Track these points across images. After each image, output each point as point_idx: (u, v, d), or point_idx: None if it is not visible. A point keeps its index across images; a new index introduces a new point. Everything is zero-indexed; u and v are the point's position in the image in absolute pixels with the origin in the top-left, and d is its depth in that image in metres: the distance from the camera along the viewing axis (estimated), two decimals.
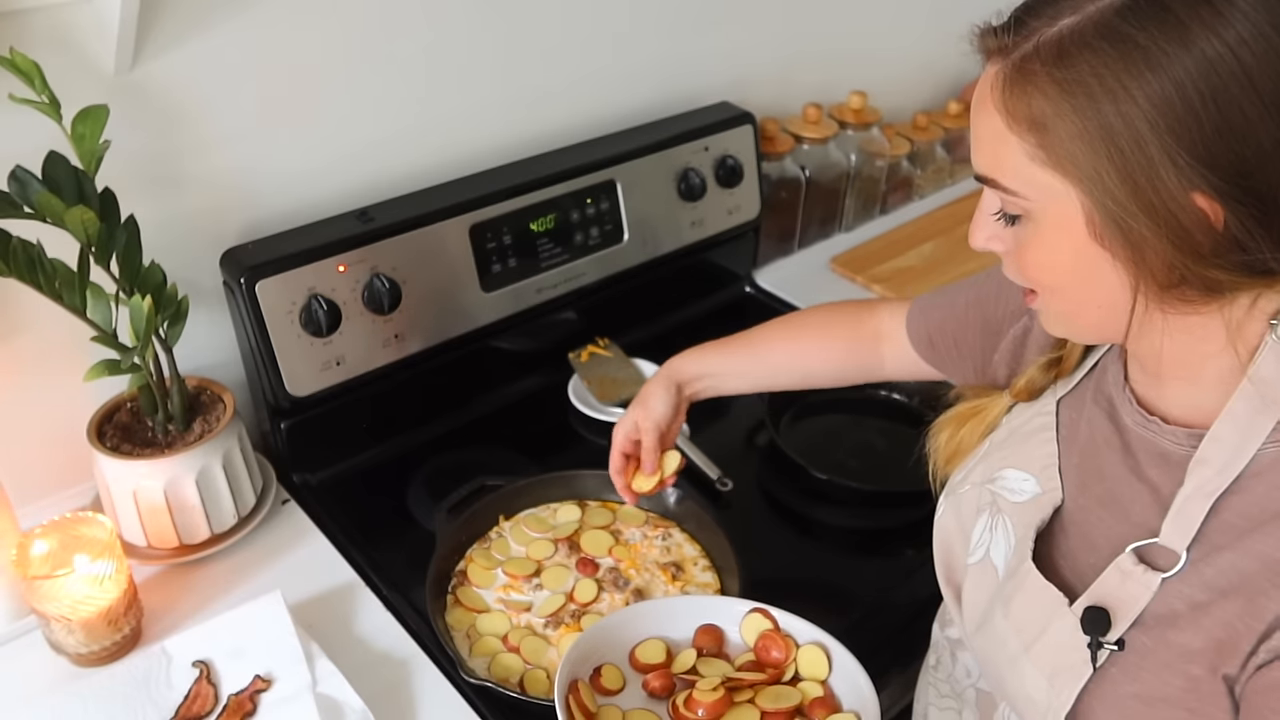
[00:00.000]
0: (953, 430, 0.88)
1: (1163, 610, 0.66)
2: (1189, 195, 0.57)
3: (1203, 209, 0.58)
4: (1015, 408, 0.83)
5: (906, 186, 1.81)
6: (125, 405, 1.07)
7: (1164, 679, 0.65)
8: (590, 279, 1.35)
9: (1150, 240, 0.59)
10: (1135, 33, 0.57)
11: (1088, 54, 0.58)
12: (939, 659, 0.91)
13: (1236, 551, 0.63)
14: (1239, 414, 0.64)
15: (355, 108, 1.18)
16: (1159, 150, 0.57)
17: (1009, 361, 0.87)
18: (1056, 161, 0.60)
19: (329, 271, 1.12)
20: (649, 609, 0.92)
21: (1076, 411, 0.78)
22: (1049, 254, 0.65)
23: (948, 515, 0.84)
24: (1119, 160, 0.58)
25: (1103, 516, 0.72)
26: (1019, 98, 0.61)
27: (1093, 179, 0.59)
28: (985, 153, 0.65)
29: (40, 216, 0.89)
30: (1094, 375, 0.78)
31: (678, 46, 1.45)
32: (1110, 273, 0.63)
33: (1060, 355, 0.80)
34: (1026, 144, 0.61)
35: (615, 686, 0.86)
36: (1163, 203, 0.58)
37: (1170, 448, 0.69)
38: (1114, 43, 0.57)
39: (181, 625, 0.99)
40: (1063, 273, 0.65)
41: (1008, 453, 0.81)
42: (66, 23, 0.95)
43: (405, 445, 1.25)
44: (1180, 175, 0.57)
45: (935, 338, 0.95)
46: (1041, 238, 0.64)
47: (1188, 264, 0.60)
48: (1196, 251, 0.59)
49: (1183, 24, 0.56)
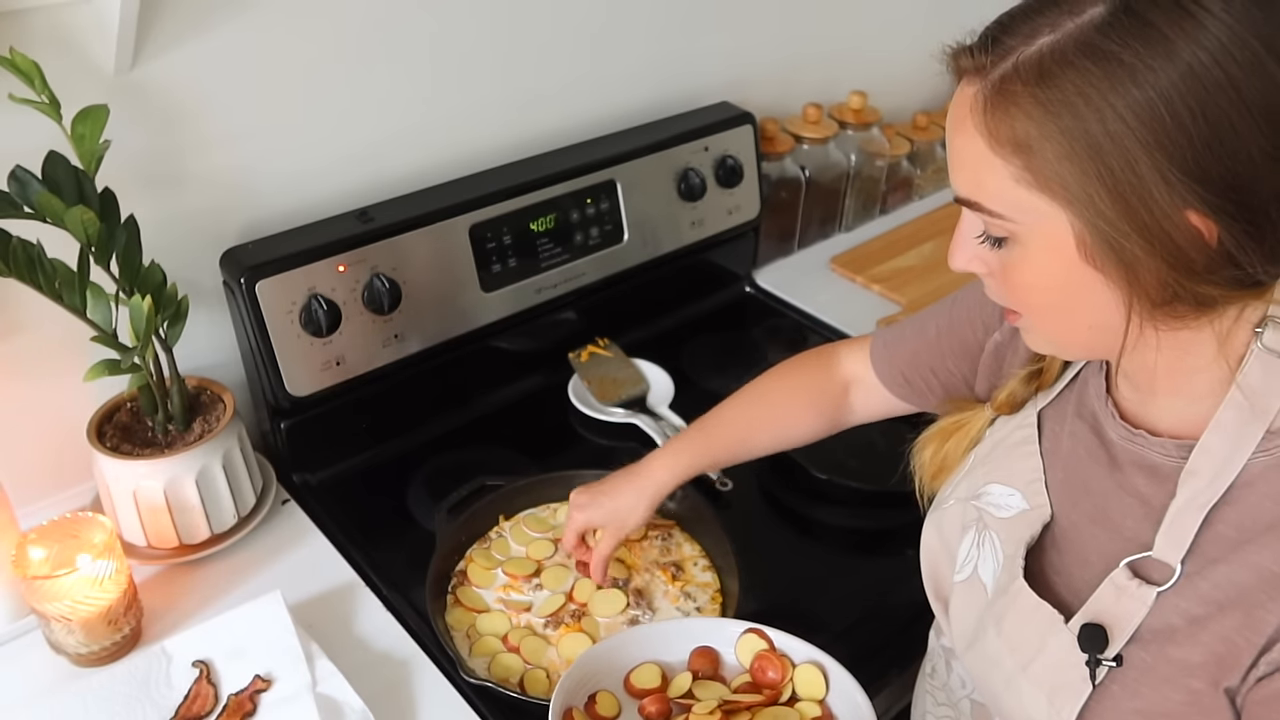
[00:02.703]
0: (937, 445, 0.87)
1: (1160, 625, 0.65)
2: (1182, 213, 0.57)
3: (1196, 226, 0.57)
4: (997, 420, 0.83)
5: (906, 186, 1.81)
6: (125, 405, 1.07)
7: (1165, 694, 0.65)
8: (590, 279, 1.35)
9: (1143, 259, 0.58)
10: (1118, 49, 0.55)
11: (1071, 73, 0.56)
12: (934, 667, 0.90)
13: (1231, 564, 0.63)
14: (1227, 424, 0.64)
15: (355, 107, 1.18)
16: (1150, 168, 0.56)
17: (989, 375, 0.86)
18: (1044, 183, 0.59)
19: (329, 271, 1.12)
20: (642, 634, 0.90)
21: (1059, 424, 0.77)
22: (1037, 276, 0.64)
23: (931, 532, 0.84)
24: (1109, 180, 0.57)
25: (1094, 532, 0.72)
26: (1001, 119, 0.59)
27: (1083, 200, 0.58)
28: (966, 176, 0.64)
29: (40, 216, 0.89)
30: (1075, 387, 0.77)
31: (678, 46, 1.45)
32: (1102, 292, 0.61)
33: (1040, 367, 0.79)
34: (1011, 166, 0.60)
35: (611, 714, 0.85)
36: (1155, 221, 0.57)
37: (1158, 460, 0.68)
38: (1097, 60, 0.56)
39: (181, 625, 0.99)
40: (1052, 294, 0.64)
41: (991, 467, 0.80)
42: (66, 23, 0.95)
43: (405, 445, 1.25)
44: (1172, 192, 0.56)
45: (909, 373, 0.93)
46: (1029, 260, 0.63)
47: (1181, 281, 0.59)
48: (1190, 268, 0.58)
49: (1166, 38, 0.55)
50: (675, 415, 1.30)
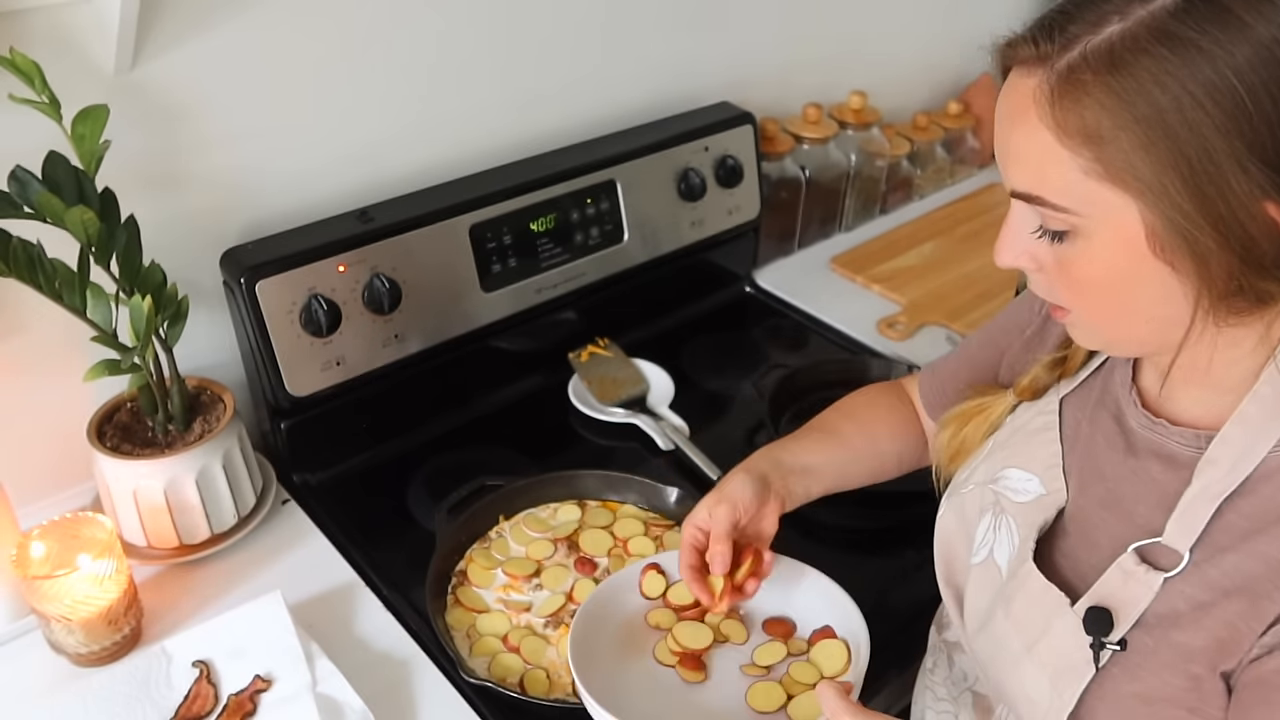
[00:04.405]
0: (956, 428, 0.87)
1: (1165, 610, 0.66)
2: (1260, 203, 0.56)
3: (1273, 218, 0.56)
4: (1019, 407, 0.83)
5: (906, 186, 1.81)
6: (125, 405, 1.07)
7: (1165, 678, 0.65)
8: (590, 279, 1.35)
9: (1215, 252, 0.57)
10: (1194, 34, 0.54)
11: (1145, 59, 0.55)
12: (936, 662, 0.90)
13: (1241, 553, 0.63)
14: (1251, 416, 0.64)
15: (356, 107, 1.18)
16: (1228, 157, 0.54)
17: (1014, 365, 0.87)
18: (1115, 175, 0.58)
19: (329, 271, 1.12)
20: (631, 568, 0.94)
21: (1080, 411, 0.77)
22: (1101, 269, 0.62)
23: (950, 515, 0.84)
24: (1185, 170, 0.55)
25: (1105, 517, 0.72)
26: (1070, 110, 0.58)
27: (1157, 191, 0.57)
28: (1028, 170, 0.62)
29: (40, 216, 0.89)
30: (1100, 376, 0.77)
31: (678, 46, 1.45)
32: (1169, 286, 0.60)
33: (1065, 355, 0.79)
34: (1081, 158, 0.58)
35: None
36: (1231, 212, 0.56)
37: (1176, 449, 0.68)
38: (1172, 45, 0.54)
39: (181, 625, 0.99)
40: (1114, 288, 0.63)
41: (1010, 452, 0.80)
42: (66, 23, 0.95)
43: (405, 445, 1.25)
44: (1251, 183, 0.55)
45: (947, 393, 0.93)
46: (1092, 253, 0.62)
47: (1249, 275, 0.58)
48: (1260, 263, 0.57)
49: (1242, 21, 0.53)
50: (675, 415, 1.30)
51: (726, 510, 0.86)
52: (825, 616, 0.90)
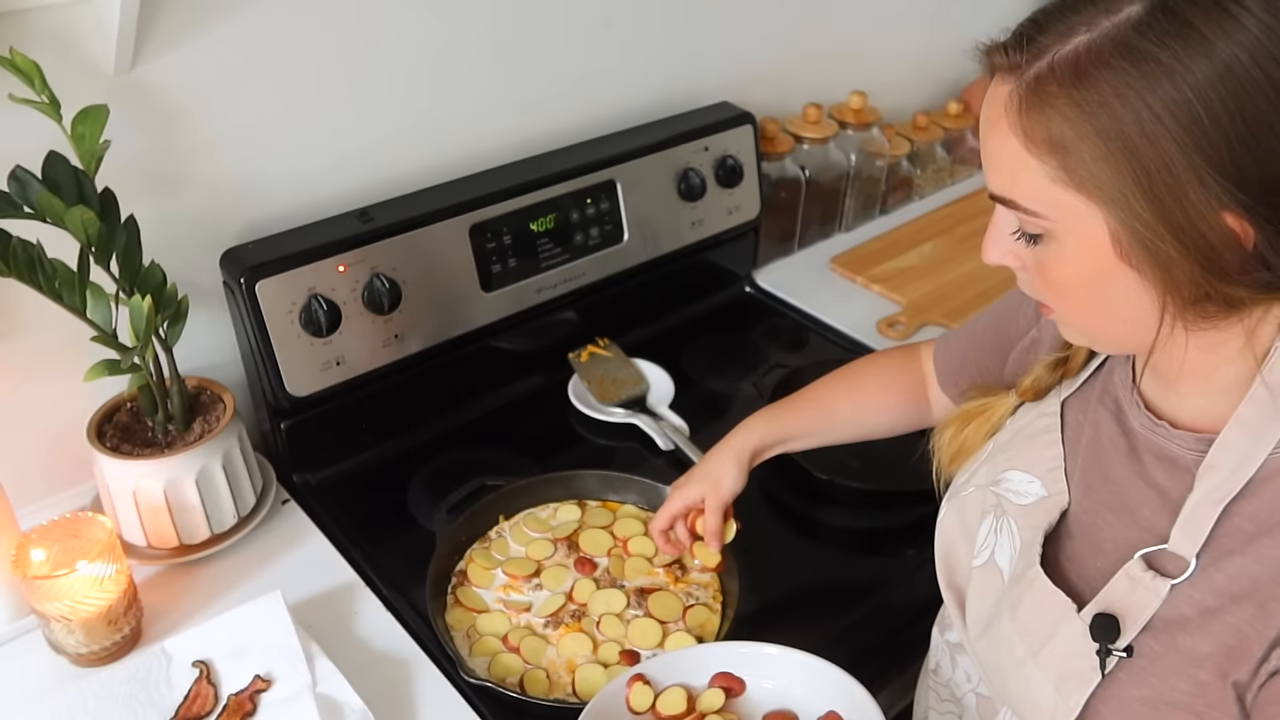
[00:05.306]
0: (957, 429, 0.87)
1: (1172, 615, 0.65)
2: (1218, 214, 0.56)
3: (1231, 228, 0.57)
4: (1020, 408, 0.83)
5: (906, 186, 1.81)
6: (125, 405, 1.07)
7: (1171, 684, 0.65)
8: (590, 279, 1.35)
9: (1178, 260, 0.58)
10: (1155, 49, 0.55)
11: (1107, 73, 0.56)
12: (938, 663, 0.90)
13: (1247, 557, 0.63)
14: (1249, 419, 0.64)
15: (356, 107, 1.18)
16: (1186, 169, 0.55)
17: (1018, 366, 0.87)
18: (1079, 183, 0.59)
19: (329, 271, 1.12)
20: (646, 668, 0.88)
21: (1082, 413, 0.77)
22: (1072, 272, 0.64)
23: (951, 518, 0.84)
24: (1145, 181, 0.56)
25: (1110, 521, 0.72)
26: (1036, 120, 0.59)
27: (1118, 200, 0.58)
28: (1002, 174, 0.63)
29: (40, 216, 0.89)
30: (1100, 376, 0.77)
31: (678, 46, 1.45)
32: (1136, 289, 0.61)
33: (1066, 355, 0.79)
34: (1047, 166, 0.60)
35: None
36: (1191, 223, 0.56)
37: (1178, 452, 0.68)
38: (1134, 60, 0.55)
39: (181, 625, 0.99)
40: (1087, 290, 0.64)
41: (1012, 454, 0.80)
42: (66, 23, 0.95)
43: (405, 445, 1.25)
44: (1209, 194, 0.55)
45: (959, 374, 0.95)
46: (1064, 257, 0.63)
47: (1213, 282, 0.59)
48: (1223, 270, 0.58)
49: (1204, 37, 0.54)
50: (675, 415, 1.30)
51: (720, 500, 1.00)
52: (828, 702, 0.82)
